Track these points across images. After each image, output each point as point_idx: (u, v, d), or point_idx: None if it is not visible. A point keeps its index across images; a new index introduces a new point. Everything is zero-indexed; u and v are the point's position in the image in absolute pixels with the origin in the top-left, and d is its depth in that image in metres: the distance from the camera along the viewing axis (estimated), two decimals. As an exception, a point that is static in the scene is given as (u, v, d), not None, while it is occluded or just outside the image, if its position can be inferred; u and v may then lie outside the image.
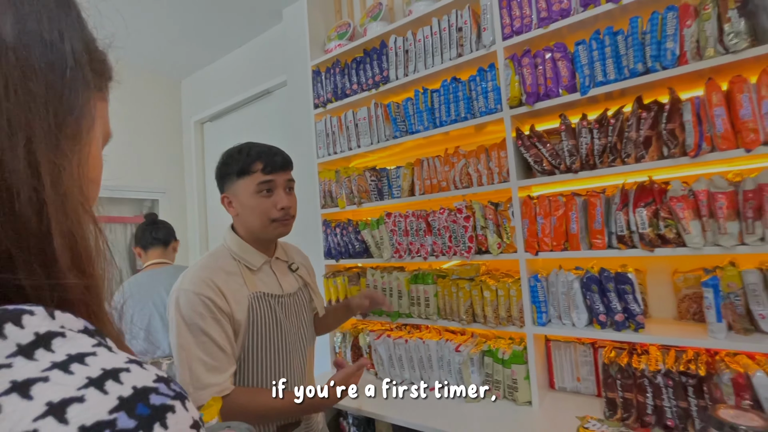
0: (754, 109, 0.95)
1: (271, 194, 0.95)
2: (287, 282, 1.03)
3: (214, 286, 0.87)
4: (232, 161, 0.95)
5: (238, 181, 0.95)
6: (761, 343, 0.97)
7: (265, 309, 0.93)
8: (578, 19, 1.18)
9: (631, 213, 1.10)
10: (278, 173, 0.96)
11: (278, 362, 0.94)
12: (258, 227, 0.96)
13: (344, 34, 1.86)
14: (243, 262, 0.96)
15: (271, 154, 0.96)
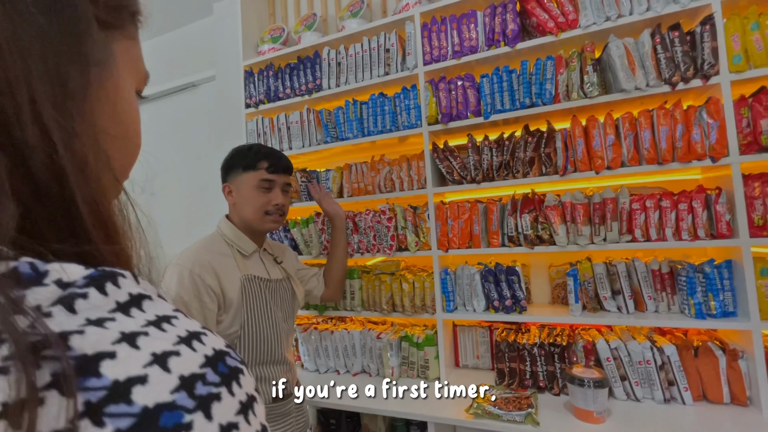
0: (602, 142, 1.26)
1: (270, 191, 1.08)
2: (274, 271, 1.15)
3: (209, 265, 0.96)
4: (241, 156, 1.08)
5: (243, 174, 1.07)
6: (604, 318, 1.29)
7: (257, 290, 1.04)
8: (483, 56, 1.42)
9: (518, 218, 1.36)
10: (280, 174, 1.10)
11: (271, 340, 1.03)
12: (252, 217, 1.07)
13: (278, 38, 1.91)
14: (236, 246, 1.07)
15: (277, 156, 1.10)
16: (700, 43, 1.16)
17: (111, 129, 0.26)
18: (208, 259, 0.97)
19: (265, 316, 1.03)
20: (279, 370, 1.05)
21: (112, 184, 0.25)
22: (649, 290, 1.27)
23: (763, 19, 1.12)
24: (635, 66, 1.22)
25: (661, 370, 1.19)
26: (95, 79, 0.25)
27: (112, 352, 0.17)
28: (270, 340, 1.03)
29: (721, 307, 1.16)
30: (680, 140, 1.18)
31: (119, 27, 0.28)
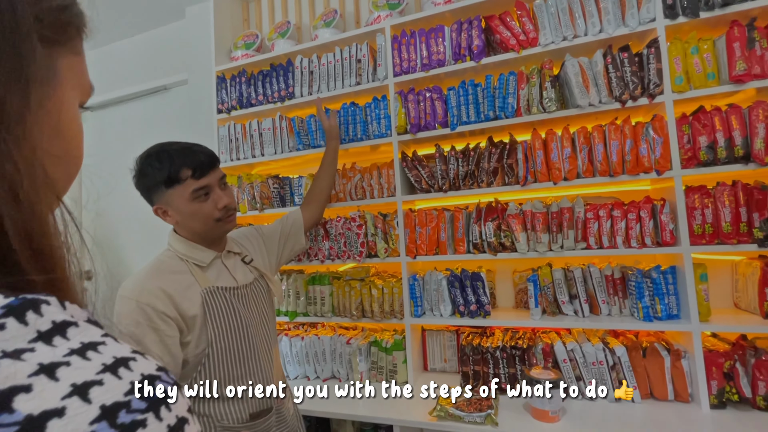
0: (559, 154, 1.33)
1: (209, 196, 0.94)
2: (240, 274, 1.02)
3: (158, 291, 0.85)
4: (152, 171, 0.90)
5: (169, 191, 0.91)
6: (562, 321, 1.36)
7: (221, 302, 0.92)
8: (450, 70, 1.48)
9: (483, 225, 1.42)
10: (209, 174, 0.93)
11: (244, 352, 0.94)
12: (202, 230, 0.95)
13: (251, 44, 1.92)
14: (191, 260, 0.95)
15: (195, 155, 0.92)
16: (646, 64, 1.25)
17: (53, 148, 0.26)
18: (157, 285, 0.86)
19: (235, 327, 0.93)
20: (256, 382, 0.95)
21: (52, 203, 0.25)
22: (603, 294, 1.34)
23: (702, 44, 1.22)
24: (589, 84, 1.30)
25: (613, 370, 1.26)
26: (36, 99, 0.24)
27: (27, 385, 0.17)
28: (242, 353, 0.93)
29: (666, 310, 1.24)
30: (629, 154, 1.26)
31: (64, 43, 0.27)
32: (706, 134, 1.19)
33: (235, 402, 0.92)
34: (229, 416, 0.90)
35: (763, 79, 1.15)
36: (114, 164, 2.81)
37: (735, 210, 1.17)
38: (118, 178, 2.85)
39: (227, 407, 0.91)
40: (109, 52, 2.53)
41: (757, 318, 1.21)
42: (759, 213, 1.15)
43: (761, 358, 1.13)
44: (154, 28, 2.37)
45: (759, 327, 1.17)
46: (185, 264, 0.94)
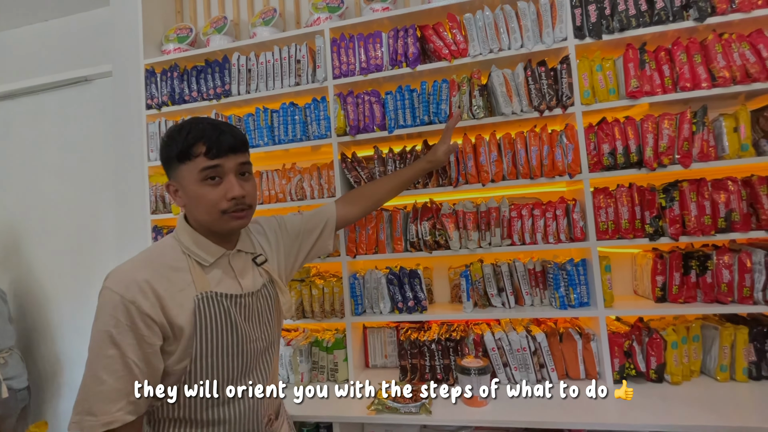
0: (487, 158, 1.44)
1: (220, 182, 0.79)
2: (248, 279, 0.87)
3: (147, 286, 0.73)
4: (172, 142, 0.79)
5: (180, 167, 0.79)
6: (491, 312, 1.46)
7: (216, 311, 0.79)
8: (388, 74, 1.53)
9: (419, 225, 1.48)
10: (226, 157, 0.79)
11: (234, 371, 0.80)
12: (207, 220, 0.81)
13: (185, 38, 1.84)
14: (193, 256, 0.81)
15: (216, 132, 0.79)
16: (560, 78, 1.39)
17: None
18: (146, 278, 0.73)
19: (227, 343, 0.79)
20: (243, 407, 0.82)
21: None
22: (526, 287, 1.47)
23: (605, 63, 1.38)
24: (512, 93, 1.41)
25: (534, 355, 1.39)
26: None
27: None
28: (229, 372, 0.80)
29: (578, 299, 1.39)
30: (546, 158, 1.39)
31: None
32: (608, 142, 1.36)
33: (212, 428, 0.80)
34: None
35: (652, 96, 1.33)
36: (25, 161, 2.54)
37: (632, 209, 1.34)
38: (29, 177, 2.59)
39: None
40: (21, 36, 2.28)
41: (651, 302, 1.39)
42: (649, 211, 1.33)
43: (653, 336, 1.31)
44: (74, 13, 2.18)
45: (652, 310, 1.35)
46: (186, 259, 0.80)
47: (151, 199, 1.74)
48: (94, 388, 0.69)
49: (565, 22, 1.39)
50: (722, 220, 1.27)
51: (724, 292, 1.28)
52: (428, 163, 1.27)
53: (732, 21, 1.31)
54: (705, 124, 1.30)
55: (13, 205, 2.24)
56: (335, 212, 1.11)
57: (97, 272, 2.07)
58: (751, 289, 1.25)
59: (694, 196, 1.29)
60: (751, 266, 1.25)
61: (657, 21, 1.34)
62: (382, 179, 1.25)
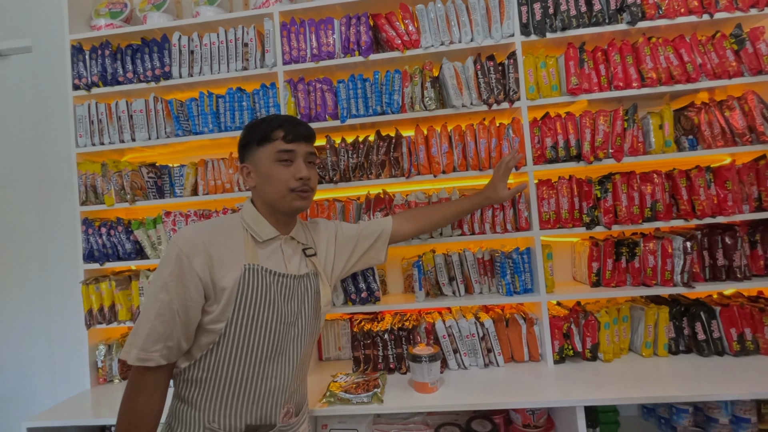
0: (438, 150, 1.46)
1: (291, 164, 0.93)
2: (295, 264, 0.96)
3: (202, 246, 0.83)
4: (255, 130, 0.94)
5: (259, 149, 0.92)
6: (443, 301, 1.49)
7: (259, 283, 0.86)
8: (340, 62, 1.50)
9: (372, 216, 1.48)
10: (299, 143, 0.94)
11: (263, 346, 0.86)
12: (275, 197, 0.92)
13: (118, 13, 1.69)
14: (250, 231, 0.92)
15: (294, 123, 0.94)
16: (507, 73, 1.44)
17: None
18: (204, 239, 0.83)
19: (262, 315, 0.86)
20: (264, 388, 0.86)
21: None
22: (476, 275, 1.51)
23: (548, 60, 1.45)
24: (463, 86, 1.44)
25: (482, 340, 1.44)
26: None
27: None
28: (259, 347, 0.85)
29: (523, 285, 1.46)
30: (494, 151, 1.44)
31: None
32: (550, 136, 1.43)
33: (233, 405, 0.84)
34: (222, 420, 0.84)
35: (590, 93, 1.42)
36: None
37: (571, 199, 1.42)
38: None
39: (222, 408, 0.84)
40: None
41: (587, 287, 1.49)
42: (586, 202, 1.41)
43: (588, 319, 1.40)
44: (-18, -21, 1.92)
45: (588, 294, 1.45)
46: (244, 233, 0.91)
47: (80, 189, 1.59)
48: (142, 326, 0.79)
49: (513, 18, 1.44)
50: (648, 210, 1.39)
51: (649, 275, 1.40)
52: (487, 200, 1.29)
53: (659, 26, 1.42)
54: (635, 122, 1.40)
55: None
56: (391, 225, 1.21)
57: (18, 271, 1.86)
58: (672, 273, 1.38)
59: (625, 188, 1.39)
60: (672, 252, 1.38)
61: (595, 22, 1.42)
62: (441, 205, 1.31)
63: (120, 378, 1.59)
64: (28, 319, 1.85)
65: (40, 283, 1.81)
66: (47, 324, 1.79)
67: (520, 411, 1.31)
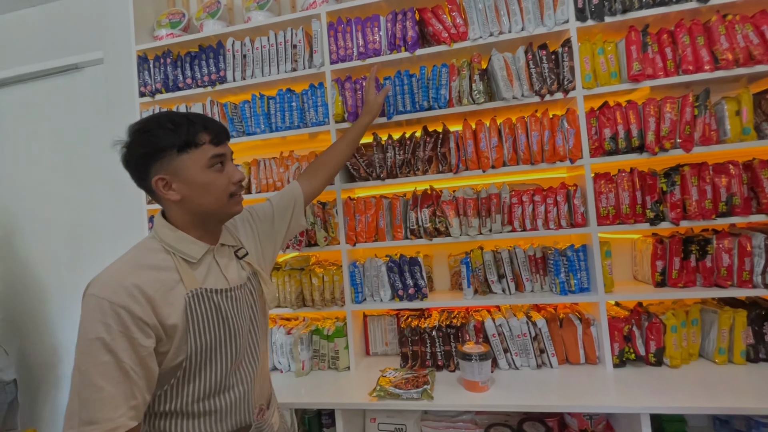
0: (487, 144, 1.42)
1: (224, 168, 0.83)
2: (233, 272, 0.89)
3: (136, 290, 0.71)
4: (163, 132, 0.78)
5: (181, 157, 0.78)
6: (492, 299, 1.46)
7: (207, 308, 0.79)
8: (386, 59, 1.50)
9: (419, 212, 1.47)
10: (225, 144, 0.84)
11: (226, 363, 0.82)
12: (214, 206, 0.82)
13: (177, 23, 1.79)
14: (179, 254, 0.80)
15: (214, 122, 0.83)
16: (561, 61, 1.37)
17: None
18: (134, 282, 0.72)
19: (219, 338, 0.80)
20: (234, 397, 0.83)
21: None
22: (527, 273, 1.47)
23: (606, 46, 1.36)
24: (513, 78, 1.39)
25: (535, 340, 1.39)
26: None
27: None
28: (223, 367, 0.81)
29: (578, 284, 1.39)
30: (547, 144, 1.38)
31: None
32: (609, 127, 1.34)
33: (206, 419, 0.80)
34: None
35: (654, 79, 1.32)
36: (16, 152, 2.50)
37: (632, 193, 1.33)
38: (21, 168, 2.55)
39: (197, 426, 0.80)
40: (6, 22, 2.21)
41: (650, 287, 1.39)
42: (650, 196, 1.32)
43: (652, 321, 1.31)
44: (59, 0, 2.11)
45: (651, 294, 1.35)
46: (171, 258, 0.80)
47: (146, 189, 1.71)
48: (91, 397, 0.66)
49: (567, 3, 1.36)
50: (723, 204, 1.27)
51: (723, 276, 1.29)
52: (367, 114, 1.31)
53: (736, 2, 1.29)
54: (707, 108, 1.28)
55: (5, 197, 2.20)
56: (301, 189, 1.15)
57: (93, 264, 2.05)
58: (751, 273, 1.26)
59: (695, 181, 1.28)
60: (751, 250, 1.25)
61: (660, 2, 1.32)
62: (332, 145, 1.29)
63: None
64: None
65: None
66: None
67: (577, 415, 1.26)
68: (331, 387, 1.40)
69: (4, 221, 2.20)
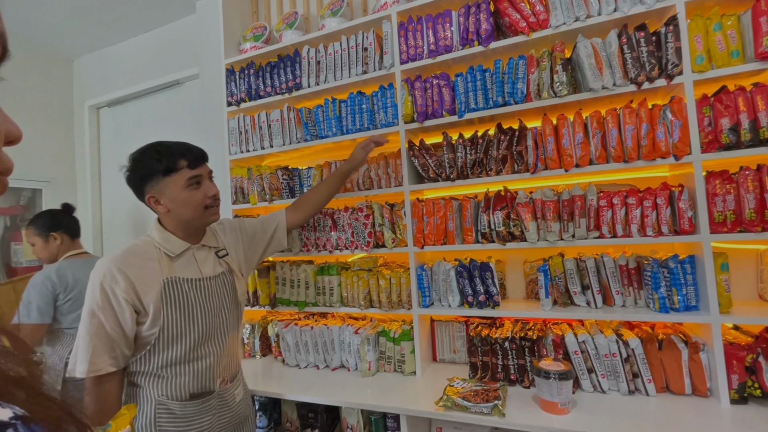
0: (571, 140, 1.29)
1: (200, 185, 1.05)
2: (209, 267, 1.11)
3: (121, 274, 0.96)
4: (151, 162, 1.02)
5: (165, 180, 1.02)
6: (573, 312, 1.32)
7: (179, 291, 1.02)
8: (458, 55, 1.44)
9: (491, 215, 1.39)
10: (201, 166, 1.07)
11: (193, 338, 1.03)
12: (193, 216, 1.05)
13: (260, 36, 1.93)
14: (163, 249, 1.05)
15: (190, 149, 1.06)
16: (664, 43, 1.18)
17: None
18: (119, 267, 0.97)
19: (186, 316, 1.02)
20: (200, 366, 1.04)
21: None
22: (617, 285, 1.30)
23: (725, 20, 1.15)
24: (602, 66, 1.24)
25: (626, 362, 1.22)
26: None
27: None
28: (189, 339, 1.02)
29: (684, 301, 1.19)
30: (645, 138, 1.20)
31: None
32: (728, 116, 1.13)
33: (176, 380, 1.02)
34: (169, 392, 1.01)
35: (792, 56, 1.08)
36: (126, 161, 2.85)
37: (760, 196, 1.10)
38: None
39: (168, 384, 1.01)
40: (120, 50, 2.58)
41: (783, 310, 1.14)
42: (786, 198, 1.08)
43: (786, 351, 1.07)
44: (167, 24, 2.41)
45: (785, 319, 1.11)
46: (156, 252, 1.04)
47: (232, 190, 1.87)
48: (85, 347, 0.93)
49: (673, -25, 1.18)
50: None
51: None
52: (348, 163, 1.44)
53: None
54: None
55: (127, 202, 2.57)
56: (285, 218, 1.39)
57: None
58: None
59: None
60: None
61: (802, -40, 1.07)
62: (318, 186, 1.47)
63: (261, 354, 1.82)
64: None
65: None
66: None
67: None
68: (397, 391, 1.38)
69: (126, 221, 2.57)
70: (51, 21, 2.27)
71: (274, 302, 1.74)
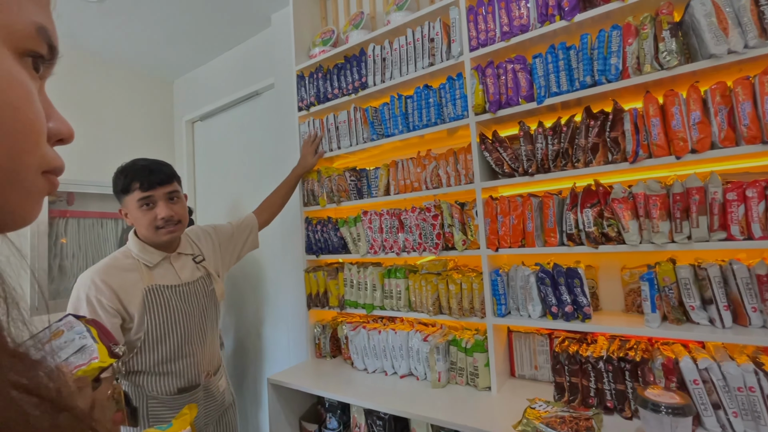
0: (684, 121, 1.05)
1: (153, 207, 1.14)
2: (187, 273, 1.23)
3: (105, 286, 1.06)
4: (117, 180, 1.14)
5: (125, 198, 1.14)
6: (690, 331, 1.07)
7: (160, 298, 1.13)
8: (536, 34, 1.28)
9: (579, 213, 1.20)
10: (155, 189, 1.13)
11: (176, 339, 1.15)
12: (147, 234, 1.15)
13: (328, 40, 1.95)
14: (141, 260, 1.15)
15: (148, 172, 1.13)
16: (823, -15, 0.90)
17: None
18: (104, 279, 1.06)
19: (169, 320, 1.13)
20: (185, 364, 1.16)
21: None
22: (753, 300, 1.03)
23: None
24: (728, 25, 0.99)
25: (770, 400, 0.95)
26: None
27: None
28: (173, 341, 1.13)
29: None
30: (795, 112, 0.93)
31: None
32: None
33: (164, 377, 1.13)
34: (159, 388, 1.13)
35: None
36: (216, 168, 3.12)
37: None
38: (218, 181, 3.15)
39: (157, 381, 1.13)
40: (209, 68, 2.83)
41: None
42: None
43: None
44: (247, 39, 2.58)
45: None
46: (135, 262, 1.14)
47: (303, 193, 1.91)
48: None
49: None
50: None
51: None
52: (299, 167, 1.70)
53: None
54: None
55: (218, 210, 2.81)
56: (256, 220, 1.60)
57: (263, 260, 2.41)
58: None
59: None
60: None
61: None
62: (277, 190, 1.70)
63: (331, 355, 1.83)
64: (274, 296, 2.37)
65: (280, 269, 2.29)
66: (284, 302, 2.25)
67: None
68: (470, 407, 1.26)
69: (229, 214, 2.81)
70: (152, 47, 2.58)
71: (342, 304, 1.73)
